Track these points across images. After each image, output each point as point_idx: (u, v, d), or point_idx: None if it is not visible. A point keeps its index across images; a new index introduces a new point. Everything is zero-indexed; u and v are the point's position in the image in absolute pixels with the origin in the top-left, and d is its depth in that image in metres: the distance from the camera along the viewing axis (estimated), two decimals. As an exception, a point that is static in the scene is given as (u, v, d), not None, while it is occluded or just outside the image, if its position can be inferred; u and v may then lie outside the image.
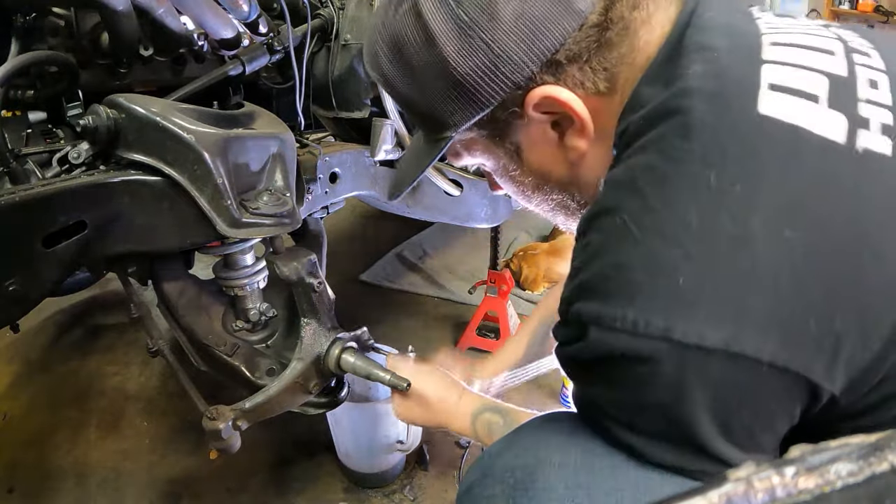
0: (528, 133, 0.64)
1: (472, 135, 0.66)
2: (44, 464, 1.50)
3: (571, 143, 0.62)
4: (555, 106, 0.59)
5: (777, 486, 0.19)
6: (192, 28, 1.09)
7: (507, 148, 0.66)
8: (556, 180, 0.68)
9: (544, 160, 0.66)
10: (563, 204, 0.71)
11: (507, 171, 0.70)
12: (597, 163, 0.63)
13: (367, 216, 3.02)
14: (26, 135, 0.94)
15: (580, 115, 0.59)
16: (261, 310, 1.09)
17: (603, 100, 0.60)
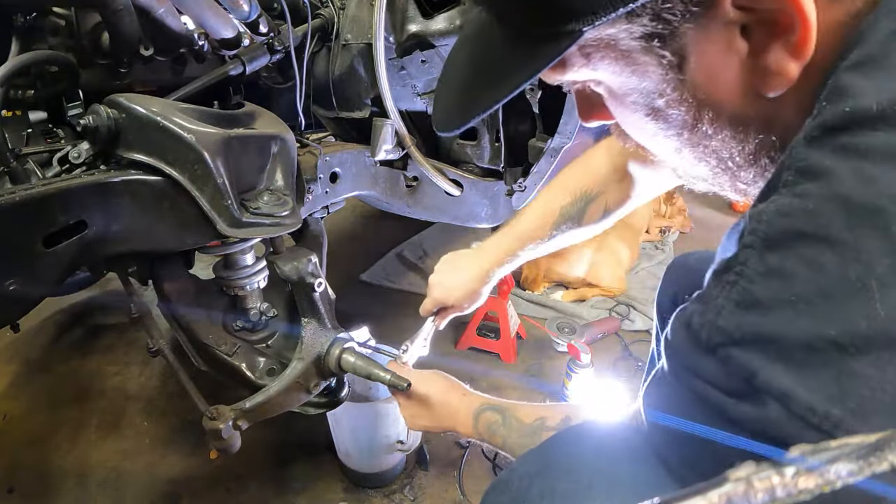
0: (706, 38, 0.43)
1: (616, 31, 0.43)
2: (44, 464, 1.50)
3: (776, 63, 0.42)
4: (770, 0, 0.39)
5: (777, 486, 0.19)
6: (193, 28, 1.09)
7: (665, 59, 0.44)
8: (727, 116, 0.47)
9: (720, 83, 0.45)
10: (720, 154, 0.49)
11: (652, 96, 0.47)
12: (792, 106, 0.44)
13: (367, 216, 3.02)
14: (27, 134, 0.94)
15: (806, 18, 0.39)
16: (261, 310, 1.09)
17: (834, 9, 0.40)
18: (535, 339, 2.04)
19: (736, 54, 0.43)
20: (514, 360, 1.91)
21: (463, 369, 1.80)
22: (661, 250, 2.74)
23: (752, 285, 0.38)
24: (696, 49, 0.43)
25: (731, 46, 0.43)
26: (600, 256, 2.32)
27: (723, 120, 0.47)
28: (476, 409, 0.91)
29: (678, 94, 0.46)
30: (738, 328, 0.38)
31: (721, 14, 0.41)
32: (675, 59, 0.44)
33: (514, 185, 1.50)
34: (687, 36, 0.43)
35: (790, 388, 0.36)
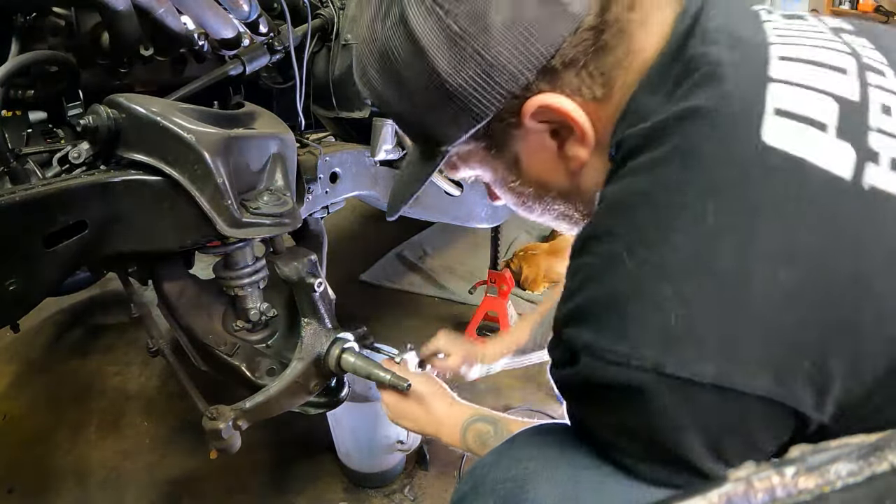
0: (526, 143, 0.62)
1: (469, 147, 0.64)
2: (44, 464, 1.50)
3: (572, 152, 0.60)
4: (553, 115, 0.57)
5: (777, 486, 0.19)
6: (193, 28, 1.09)
7: (506, 159, 0.64)
8: (557, 190, 0.66)
9: (544, 170, 0.64)
10: (565, 214, 0.70)
11: (507, 182, 0.68)
12: (597, 171, 0.61)
13: (367, 216, 3.02)
14: (27, 134, 0.94)
15: (580, 124, 0.57)
16: (261, 310, 1.09)
17: (600, 106, 0.58)
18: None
19: (549, 150, 0.62)
20: (514, 360, 1.91)
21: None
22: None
23: (569, 283, 0.55)
24: (523, 150, 0.63)
25: (544, 145, 0.61)
26: (600, 256, 2.31)
27: (556, 192, 0.66)
28: (466, 420, 0.92)
29: (521, 180, 0.66)
30: (563, 314, 0.55)
31: (529, 128, 0.59)
32: (511, 158, 0.64)
33: (514, 185, 1.50)
34: (514, 143, 0.62)
35: (591, 339, 0.50)
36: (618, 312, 0.49)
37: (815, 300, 0.45)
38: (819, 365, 0.45)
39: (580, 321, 0.52)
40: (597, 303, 0.51)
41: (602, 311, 0.50)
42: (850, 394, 0.46)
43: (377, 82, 0.62)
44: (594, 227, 0.54)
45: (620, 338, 0.48)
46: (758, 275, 0.45)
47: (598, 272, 0.51)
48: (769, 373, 0.45)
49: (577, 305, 0.53)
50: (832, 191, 0.45)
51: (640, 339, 0.47)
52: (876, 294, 0.44)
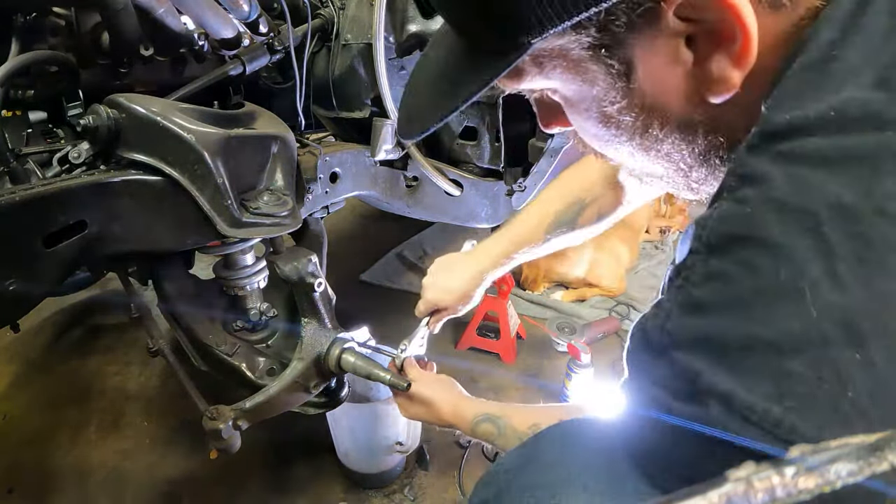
0: (652, 48, 0.44)
1: (564, 42, 0.45)
2: (44, 464, 1.50)
3: (720, 71, 0.43)
4: (711, 8, 0.40)
5: (777, 486, 0.19)
6: (193, 28, 1.09)
7: (613, 68, 0.46)
8: (676, 122, 0.49)
9: (667, 91, 0.47)
10: (671, 156, 0.52)
11: (603, 103, 0.49)
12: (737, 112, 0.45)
13: (367, 216, 3.02)
14: (27, 134, 0.94)
15: (747, 29, 0.40)
16: (261, 310, 1.09)
17: (776, 19, 0.42)
18: (535, 339, 2.04)
19: (681, 63, 0.45)
20: (513, 360, 1.91)
21: (463, 369, 1.81)
22: (661, 250, 2.74)
23: (695, 289, 0.40)
24: (643, 58, 0.45)
25: (676, 56, 0.44)
26: (600, 256, 2.31)
27: (671, 125, 0.49)
28: (471, 422, 0.92)
29: (627, 101, 0.48)
30: (683, 331, 0.40)
31: (665, 25, 0.42)
32: (622, 67, 0.46)
33: (514, 185, 1.50)
34: (633, 46, 0.44)
35: (730, 388, 0.37)
36: (777, 367, 0.36)
37: None
38: None
39: (716, 357, 0.38)
40: (749, 345, 0.37)
41: (757, 358, 0.37)
42: None
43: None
44: (753, 226, 0.38)
45: (774, 400, 0.35)
46: None
47: (757, 300, 0.37)
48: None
49: (716, 333, 0.39)
50: None
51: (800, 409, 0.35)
52: None
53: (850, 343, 0.34)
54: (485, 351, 1.94)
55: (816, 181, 0.36)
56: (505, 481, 0.56)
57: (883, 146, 0.34)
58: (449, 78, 0.52)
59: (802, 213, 0.36)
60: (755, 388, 0.36)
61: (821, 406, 0.34)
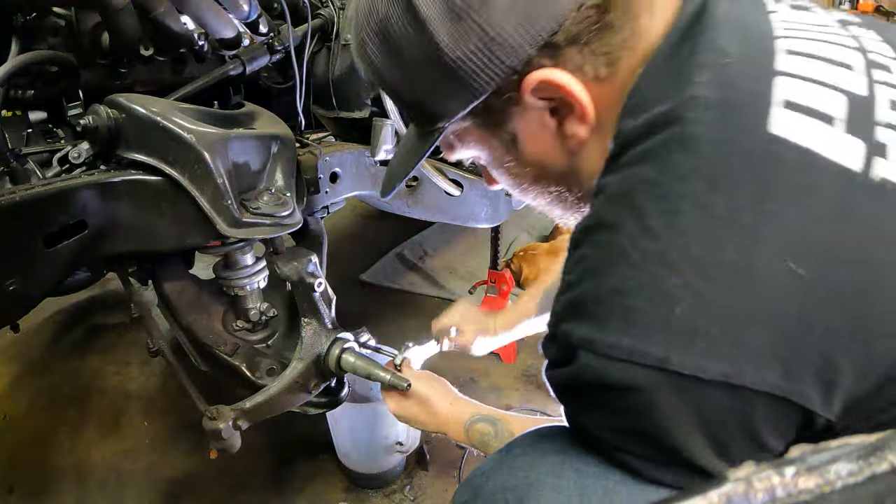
0: (525, 121, 0.60)
1: (467, 125, 0.63)
2: (44, 464, 1.50)
3: (571, 130, 0.58)
4: (553, 91, 0.55)
5: (777, 486, 0.19)
6: (193, 28, 1.09)
7: (503, 138, 0.63)
8: (554, 172, 0.64)
9: (542, 150, 0.62)
10: (560, 197, 0.68)
11: (503, 162, 0.66)
12: (596, 154, 0.59)
13: (367, 216, 3.02)
14: (27, 134, 0.94)
15: (580, 100, 0.55)
16: (261, 310, 1.09)
17: (603, 86, 0.56)
18: (535, 339, 2.03)
19: (548, 128, 0.60)
20: (514, 360, 1.91)
21: (463, 369, 1.81)
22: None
23: (567, 276, 0.54)
24: (521, 129, 0.61)
25: (544, 124, 0.60)
26: (600, 256, 2.31)
27: (553, 173, 0.65)
28: (467, 421, 0.92)
29: (518, 161, 0.65)
30: (560, 308, 0.53)
31: (529, 104, 0.58)
32: (508, 136, 0.62)
33: (514, 186, 1.49)
34: (512, 121, 0.61)
35: (591, 335, 0.48)
36: (620, 306, 0.47)
37: (825, 292, 0.44)
38: (829, 359, 0.44)
39: (579, 315, 0.50)
40: (598, 296, 0.49)
41: (603, 304, 0.48)
42: (857, 390, 0.45)
43: (376, 58, 0.60)
44: (595, 217, 0.52)
45: (623, 333, 0.46)
46: (766, 266, 0.44)
47: (600, 264, 0.50)
48: (777, 368, 0.44)
49: (576, 299, 0.51)
50: (842, 182, 0.45)
51: (645, 335, 0.45)
52: (888, 286, 0.44)
53: (669, 273, 0.45)
54: (485, 351, 1.94)
55: (633, 172, 0.50)
56: (479, 485, 0.62)
57: (670, 136, 0.48)
58: (406, 151, 0.72)
59: (623, 195, 0.50)
60: (609, 328, 0.47)
61: (659, 327, 0.45)
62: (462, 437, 0.93)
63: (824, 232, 0.44)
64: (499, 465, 0.62)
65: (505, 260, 2.23)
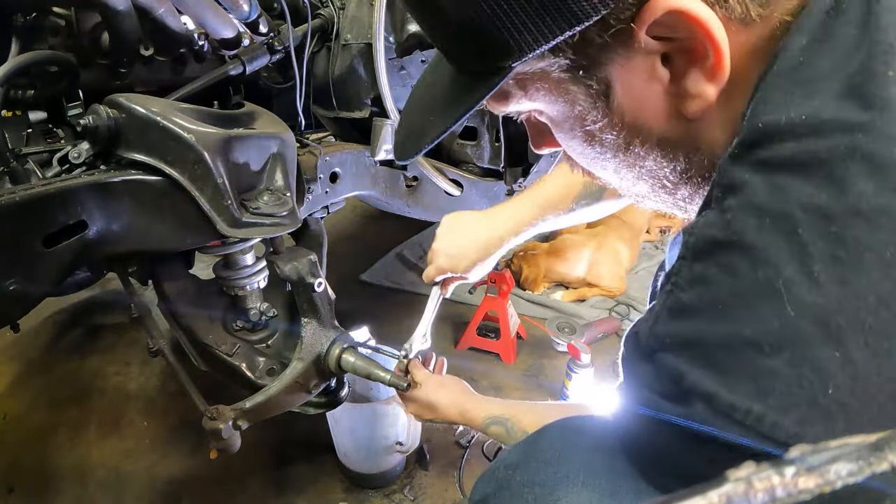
0: (628, 68, 0.46)
1: (544, 65, 0.47)
2: (44, 464, 1.50)
3: (696, 87, 0.45)
4: (683, 28, 0.42)
5: (777, 486, 0.19)
6: (193, 28, 1.09)
7: (593, 88, 0.48)
8: (654, 139, 0.50)
9: (646, 108, 0.48)
10: (655, 174, 0.53)
11: (585, 122, 0.51)
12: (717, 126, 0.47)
13: (367, 216, 3.02)
14: (27, 134, 0.94)
15: (718, 46, 0.42)
16: (261, 310, 1.09)
17: (748, 34, 0.43)
18: (535, 339, 2.04)
19: (658, 81, 0.46)
20: (514, 360, 1.91)
21: (463, 369, 1.81)
22: (661, 250, 2.74)
23: (681, 293, 0.42)
24: (620, 77, 0.46)
25: (652, 74, 0.46)
26: (600, 256, 2.32)
27: (652, 142, 0.50)
28: (479, 425, 0.92)
29: (608, 120, 0.49)
30: (669, 333, 0.42)
31: (639, 45, 0.44)
32: (601, 87, 0.47)
33: (514, 185, 1.50)
34: (609, 66, 0.46)
35: (713, 388, 0.38)
36: (755, 365, 0.37)
37: None
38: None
39: (702, 359, 0.40)
40: (730, 345, 0.38)
41: (734, 356, 0.38)
42: None
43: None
44: (735, 231, 0.39)
45: (755, 399, 0.37)
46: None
47: (736, 301, 0.38)
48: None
49: (697, 335, 0.40)
50: None
51: (781, 406, 0.36)
52: None
53: (827, 341, 0.35)
54: (485, 351, 1.94)
55: (792, 185, 0.37)
56: (505, 478, 0.57)
57: (852, 149, 0.35)
58: (440, 100, 0.54)
59: (778, 216, 0.37)
60: (737, 387, 0.38)
61: (801, 402, 0.36)
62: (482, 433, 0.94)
63: None
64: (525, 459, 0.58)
65: (505, 260, 2.23)
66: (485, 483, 0.60)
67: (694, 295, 0.41)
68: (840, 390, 0.35)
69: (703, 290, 0.40)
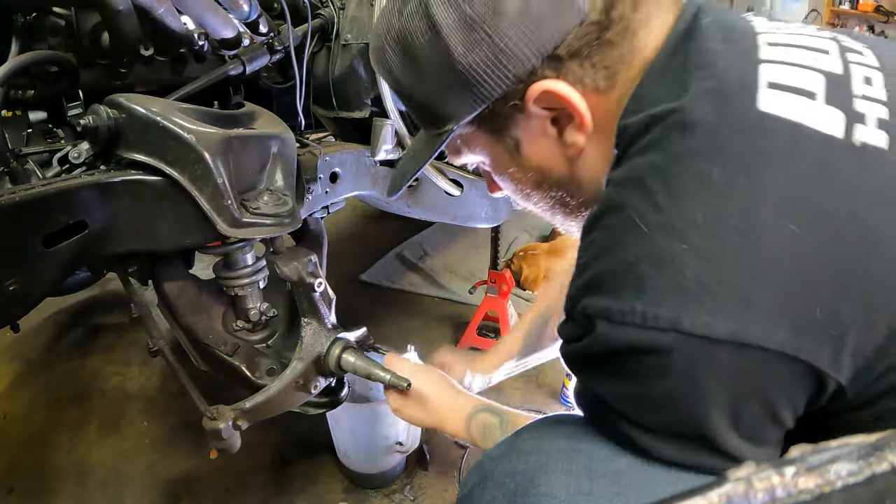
0: (528, 128, 0.64)
1: (474, 129, 0.67)
2: (44, 464, 1.50)
3: (570, 138, 0.63)
4: (554, 101, 0.60)
5: (777, 486, 0.19)
6: (193, 28, 1.09)
7: (507, 144, 0.66)
8: (555, 177, 0.68)
9: (543, 156, 0.66)
10: (561, 202, 0.71)
11: (506, 168, 0.70)
12: (595, 160, 0.64)
13: (367, 216, 3.02)
14: (27, 134, 0.94)
15: (579, 110, 0.60)
16: (261, 310, 1.09)
17: (602, 97, 0.60)
18: (535, 339, 2.03)
19: (550, 136, 0.64)
20: (514, 360, 1.91)
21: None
22: (661, 250, 2.74)
23: (580, 260, 0.57)
24: (524, 136, 0.65)
25: (545, 131, 0.64)
26: (600, 256, 2.31)
27: (553, 179, 0.68)
28: (470, 411, 0.92)
29: (522, 166, 0.68)
30: (575, 289, 0.56)
31: (531, 112, 0.61)
32: (512, 142, 0.66)
33: (514, 185, 1.50)
34: (515, 128, 0.65)
35: (606, 304, 0.51)
36: (632, 275, 0.50)
37: (819, 248, 0.46)
38: (832, 314, 0.46)
39: (596, 290, 0.53)
40: (612, 270, 0.52)
41: (616, 276, 0.52)
42: (865, 347, 0.46)
43: (392, 62, 0.65)
44: (604, 203, 0.56)
45: (635, 299, 0.49)
46: (767, 228, 0.47)
47: (612, 242, 0.53)
48: (785, 325, 0.46)
49: (592, 276, 0.54)
50: (828, 147, 0.49)
51: (655, 298, 0.48)
52: (881, 240, 0.47)
53: (675, 240, 0.48)
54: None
55: (637, 161, 0.54)
56: (489, 469, 0.64)
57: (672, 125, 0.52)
58: (415, 151, 0.75)
59: (629, 179, 0.54)
60: (623, 296, 0.50)
61: (669, 290, 0.48)
62: (461, 432, 0.92)
63: (817, 192, 0.48)
64: (508, 450, 0.64)
65: (505, 260, 2.24)
66: (472, 474, 0.67)
67: (587, 253, 0.56)
68: (694, 273, 0.47)
69: (591, 248, 0.56)
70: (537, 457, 0.60)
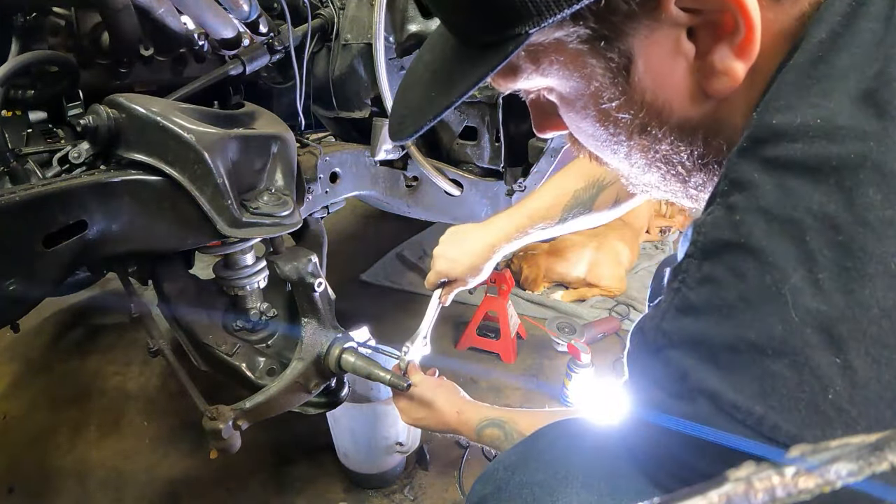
0: (652, 40, 0.43)
1: (562, 34, 0.43)
2: (44, 464, 1.50)
3: (722, 63, 0.42)
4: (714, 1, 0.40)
5: (777, 486, 0.19)
6: (193, 28, 1.09)
7: (612, 62, 0.44)
8: (676, 120, 0.47)
9: (668, 86, 0.45)
10: (670, 159, 0.50)
11: (601, 100, 0.47)
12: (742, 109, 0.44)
13: (367, 216, 3.02)
14: (27, 134, 0.94)
15: (750, 18, 0.39)
16: (261, 310, 1.09)
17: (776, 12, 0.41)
18: (535, 339, 2.04)
19: (683, 56, 0.43)
20: (514, 360, 1.91)
21: (463, 369, 1.80)
22: (661, 250, 2.74)
23: (689, 292, 0.41)
24: (643, 51, 0.43)
25: (677, 48, 0.43)
26: (600, 256, 2.32)
27: (671, 124, 0.47)
28: (477, 427, 0.92)
29: (626, 98, 0.46)
30: (676, 331, 0.42)
31: (666, 16, 0.41)
32: (621, 61, 0.44)
33: (514, 185, 1.50)
34: (633, 38, 0.43)
35: (717, 386, 0.39)
36: (759, 367, 0.37)
37: None
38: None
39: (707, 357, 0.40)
40: (733, 345, 0.39)
41: (740, 356, 0.38)
42: None
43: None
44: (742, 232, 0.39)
45: (757, 400, 0.37)
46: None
47: (741, 301, 0.39)
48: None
49: (702, 335, 0.40)
50: None
51: (783, 409, 0.37)
52: None
53: (829, 347, 0.35)
54: (485, 351, 1.94)
55: (801, 190, 0.36)
56: (503, 478, 0.57)
57: (863, 157, 0.35)
58: (443, 76, 0.50)
59: (787, 221, 0.37)
60: (740, 387, 0.38)
61: (802, 406, 0.36)
62: (474, 439, 0.93)
63: None
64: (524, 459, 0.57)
65: (505, 260, 2.23)
66: (483, 484, 0.59)
67: (702, 294, 0.41)
68: (839, 396, 0.35)
69: (711, 290, 0.40)
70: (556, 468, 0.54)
